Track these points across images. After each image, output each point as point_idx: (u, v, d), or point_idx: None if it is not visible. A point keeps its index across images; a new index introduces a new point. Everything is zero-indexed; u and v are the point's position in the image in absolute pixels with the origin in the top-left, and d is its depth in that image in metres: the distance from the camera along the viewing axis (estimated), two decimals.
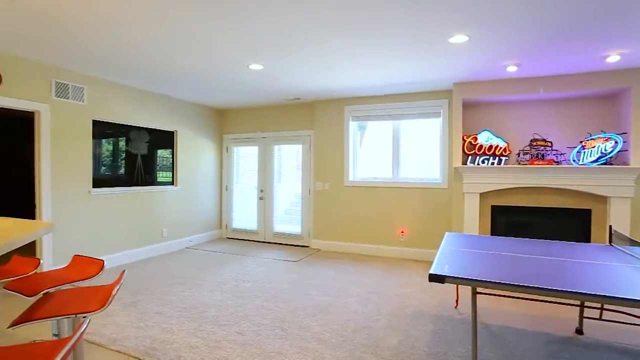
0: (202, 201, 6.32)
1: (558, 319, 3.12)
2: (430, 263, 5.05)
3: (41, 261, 2.22)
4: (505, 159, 4.57)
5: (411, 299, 3.59)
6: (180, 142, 5.82)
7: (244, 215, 6.68)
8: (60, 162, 4.11)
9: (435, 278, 1.95)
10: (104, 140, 4.70)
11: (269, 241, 6.42)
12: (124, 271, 1.72)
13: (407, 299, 3.61)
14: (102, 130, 4.65)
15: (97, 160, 4.59)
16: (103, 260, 2.02)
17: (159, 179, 5.52)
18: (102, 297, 1.51)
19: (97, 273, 1.95)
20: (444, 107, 5.11)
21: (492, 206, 4.61)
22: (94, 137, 4.51)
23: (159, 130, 5.50)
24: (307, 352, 2.52)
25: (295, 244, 6.20)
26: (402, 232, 5.37)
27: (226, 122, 6.81)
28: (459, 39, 3.13)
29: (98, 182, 4.58)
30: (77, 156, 4.29)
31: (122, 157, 4.97)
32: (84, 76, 4.34)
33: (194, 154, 6.13)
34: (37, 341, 1.13)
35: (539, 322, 3.06)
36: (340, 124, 5.77)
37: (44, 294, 1.66)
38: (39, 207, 3.93)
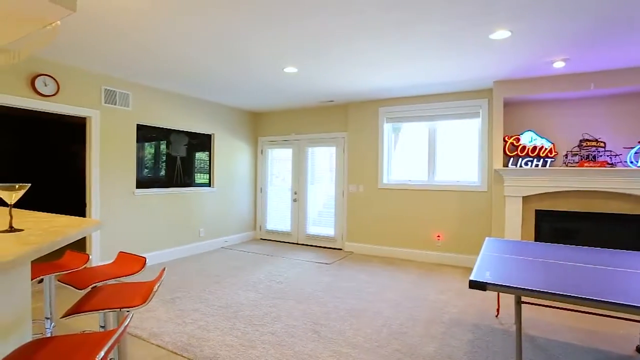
0: (237, 202, 6.48)
1: (614, 335, 2.87)
2: (468, 269, 4.84)
3: (90, 257, 2.36)
4: (551, 161, 4.30)
5: (448, 306, 3.46)
6: (217, 144, 6.00)
7: (277, 216, 6.77)
8: (108, 164, 4.36)
9: (476, 285, 1.85)
10: (146, 144, 4.95)
11: (302, 243, 6.46)
12: (164, 269, 1.79)
13: (444, 305, 3.48)
14: (145, 133, 4.89)
15: (140, 162, 4.84)
16: (145, 258, 2.11)
17: (196, 181, 5.73)
18: (144, 293, 1.57)
19: (140, 269, 2.03)
20: (483, 107, 4.90)
21: (537, 210, 4.35)
22: (137, 140, 4.75)
23: (197, 133, 5.70)
24: (341, 357, 2.49)
25: (329, 246, 6.18)
26: (438, 236, 5.20)
27: (261, 124, 6.95)
28: (501, 34, 2.99)
29: (141, 183, 4.83)
30: (123, 158, 4.54)
31: (162, 160, 5.20)
32: (129, 83, 4.59)
33: (230, 156, 6.30)
34: (87, 331, 1.19)
35: (591, 336, 2.84)
36: (375, 126, 5.70)
37: (92, 288, 1.76)
38: (89, 206, 4.19)
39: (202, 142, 5.83)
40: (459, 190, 5.06)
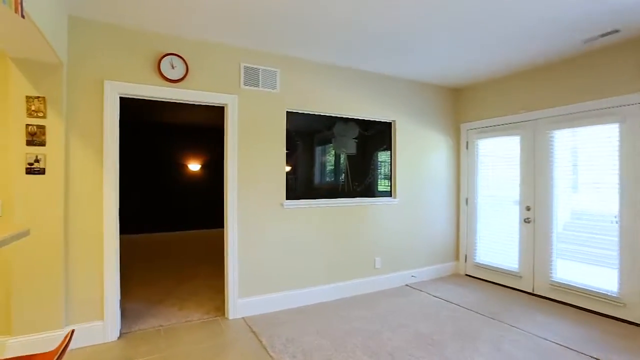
0: (430, 220, 4.44)
1: None
2: None
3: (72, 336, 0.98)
4: None
5: None
6: (399, 136, 4.19)
7: (495, 244, 4.30)
8: (249, 165, 3.28)
9: None
10: (299, 137, 3.67)
11: (543, 295, 3.76)
12: None
13: None
14: (297, 123, 3.61)
15: (292, 163, 3.59)
16: None
17: (371, 189, 4.08)
18: None
19: None
20: None
21: None
22: (287, 132, 3.51)
23: (371, 121, 4.06)
24: None
25: (602, 311, 3.27)
26: None
27: (465, 105, 4.67)
28: None
29: (292, 192, 3.56)
30: (268, 158, 3.37)
31: (323, 159, 3.82)
32: (275, 56, 3.41)
33: (418, 152, 4.36)
34: None
35: None
36: None
37: None
38: (226, 217, 3.19)
39: (378, 133, 4.14)
40: None
